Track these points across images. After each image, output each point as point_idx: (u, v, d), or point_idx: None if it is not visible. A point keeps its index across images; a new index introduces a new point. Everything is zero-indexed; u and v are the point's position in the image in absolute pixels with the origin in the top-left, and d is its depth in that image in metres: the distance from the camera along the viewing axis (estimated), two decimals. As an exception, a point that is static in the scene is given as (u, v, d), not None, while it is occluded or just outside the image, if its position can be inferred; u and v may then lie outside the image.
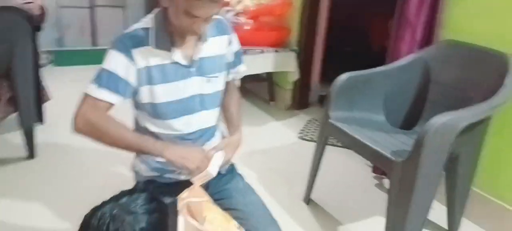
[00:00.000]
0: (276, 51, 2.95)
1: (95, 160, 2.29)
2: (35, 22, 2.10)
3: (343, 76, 1.86)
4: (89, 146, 2.33)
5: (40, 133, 2.27)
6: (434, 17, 1.93)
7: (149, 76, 1.23)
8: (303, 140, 2.74)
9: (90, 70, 1.24)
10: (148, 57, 1.22)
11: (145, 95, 1.26)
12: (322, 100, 3.26)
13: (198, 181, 1.23)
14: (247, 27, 2.86)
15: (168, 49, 1.23)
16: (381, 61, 2.05)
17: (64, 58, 4.07)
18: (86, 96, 1.19)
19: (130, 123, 1.34)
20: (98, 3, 4.45)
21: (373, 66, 1.94)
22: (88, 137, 1.19)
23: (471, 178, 1.80)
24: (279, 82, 3.29)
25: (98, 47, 4.48)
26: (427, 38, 1.98)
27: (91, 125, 1.18)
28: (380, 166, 1.84)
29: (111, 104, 1.20)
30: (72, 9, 4.32)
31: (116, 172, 2.18)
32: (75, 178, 2.15)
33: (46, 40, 3.61)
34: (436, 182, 1.56)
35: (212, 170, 1.23)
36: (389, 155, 1.57)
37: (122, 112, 1.26)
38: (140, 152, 1.29)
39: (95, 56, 4.13)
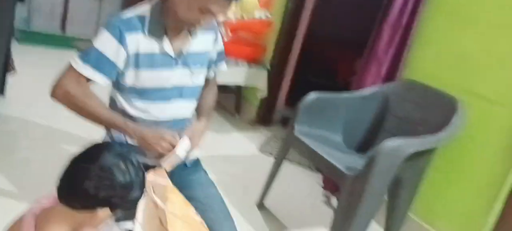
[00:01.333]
0: (249, 66, 3.08)
1: (48, 134, 2.30)
2: None
3: (312, 95, 2.02)
4: (48, 123, 2.39)
5: (1, 103, 2.26)
6: (399, 56, 2.15)
7: (137, 61, 1.29)
8: (263, 153, 2.85)
9: (55, 53, 1.27)
10: (139, 43, 1.27)
11: (129, 78, 1.31)
12: (285, 121, 3.40)
13: (166, 164, 1.29)
14: (225, 38, 2.97)
15: (160, 39, 1.30)
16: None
17: (30, 37, 3.96)
18: (70, 68, 1.23)
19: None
20: (76, -10, 4.39)
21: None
22: (64, 106, 1.23)
23: (410, 204, 1.97)
24: (247, 97, 3.41)
25: (66, 34, 4.40)
26: (391, 74, 2.18)
27: (69, 97, 1.22)
28: (334, 178, 1.98)
29: (93, 82, 1.25)
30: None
31: (67, 149, 2.17)
32: (28, 149, 2.13)
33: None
34: (380, 199, 1.72)
35: (180, 153, 1.29)
36: (342, 169, 1.71)
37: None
38: (113, 128, 1.33)
39: (63, 42, 4.10)
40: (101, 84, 1.25)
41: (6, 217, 0.92)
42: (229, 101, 3.51)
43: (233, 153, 2.77)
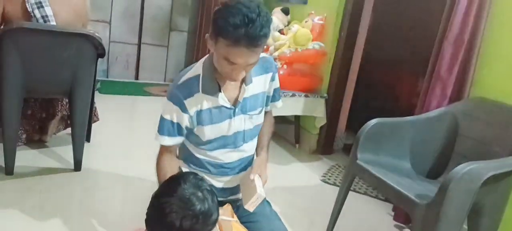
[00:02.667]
0: (307, 96, 3.09)
1: (126, 174, 2.47)
2: (99, 50, 2.26)
3: (372, 121, 1.96)
4: (128, 166, 2.60)
5: (86, 149, 2.45)
6: (464, 74, 2.04)
7: (199, 119, 1.38)
8: (326, 183, 2.80)
9: (130, 100, 1.40)
10: (198, 103, 1.36)
11: (194, 131, 1.42)
12: (347, 148, 3.33)
13: (250, 206, 1.35)
14: (281, 72, 3.02)
15: (215, 95, 1.36)
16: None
17: (109, 87, 4.36)
18: (160, 145, 1.42)
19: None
20: (145, 41, 4.82)
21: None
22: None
23: (495, 233, 1.81)
24: (306, 127, 3.40)
25: (140, 81, 4.82)
26: (457, 94, 2.07)
27: (157, 168, 1.42)
28: (404, 208, 1.88)
29: (174, 145, 1.42)
30: (121, 44, 4.70)
31: (143, 188, 2.30)
32: (114, 191, 2.31)
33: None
34: (458, 229, 1.59)
35: (261, 191, 1.35)
36: (413, 197, 1.62)
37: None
38: None
39: (136, 89, 4.48)
40: (177, 143, 1.42)
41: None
42: (288, 132, 3.53)
43: (296, 184, 2.75)
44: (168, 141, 1.39)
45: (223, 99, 1.37)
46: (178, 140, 1.41)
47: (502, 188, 1.72)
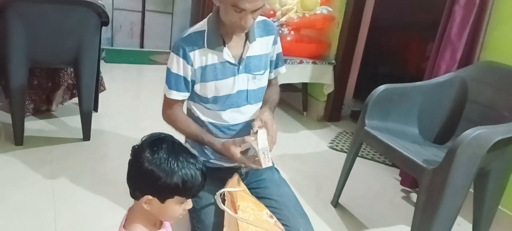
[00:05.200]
0: (314, 63, 3.05)
1: (135, 143, 2.48)
2: (103, 17, 2.24)
3: (381, 87, 1.94)
4: (137, 135, 2.57)
5: (94, 119, 2.46)
6: (475, 38, 2.00)
7: (203, 74, 1.40)
8: (333, 149, 2.81)
9: (136, 68, 1.40)
10: (203, 58, 1.39)
11: (198, 90, 1.44)
12: (354, 115, 3.33)
13: (264, 163, 1.32)
14: (289, 38, 2.98)
15: (220, 49, 1.38)
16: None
17: (114, 56, 4.34)
18: (165, 96, 1.47)
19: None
20: (149, 8, 4.74)
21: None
22: (171, 126, 1.49)
23: (500, 197, 1.82)
24: (314, 94, 3.38)
25: (145, 49, 4.77)
26: (467, 59, 2.03)
27: (170, 120, 1.50)
28: (412, 173, 1.89)
29: (182, 100, 1.47)
30: (125, 11, 4.63)
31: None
32: (124, 160, 2.30)
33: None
34: (464, 193, 1.59)
35: (263, 145, 1.30)
36: (420, 162, 1.63)
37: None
38: (201, 142, 1.47)
39: (142, 57, 4.44)
40: (185, 97, 1.46)
41: (103, 216, 1.05)
42: (296, 100, 3.52)
43: (303, 151, 2.77)
44: (176, 95, 1.43)
45: (227, 54, 1.39)
46: (185, 94, 1.45)
47: (509, 153, 1.71)
